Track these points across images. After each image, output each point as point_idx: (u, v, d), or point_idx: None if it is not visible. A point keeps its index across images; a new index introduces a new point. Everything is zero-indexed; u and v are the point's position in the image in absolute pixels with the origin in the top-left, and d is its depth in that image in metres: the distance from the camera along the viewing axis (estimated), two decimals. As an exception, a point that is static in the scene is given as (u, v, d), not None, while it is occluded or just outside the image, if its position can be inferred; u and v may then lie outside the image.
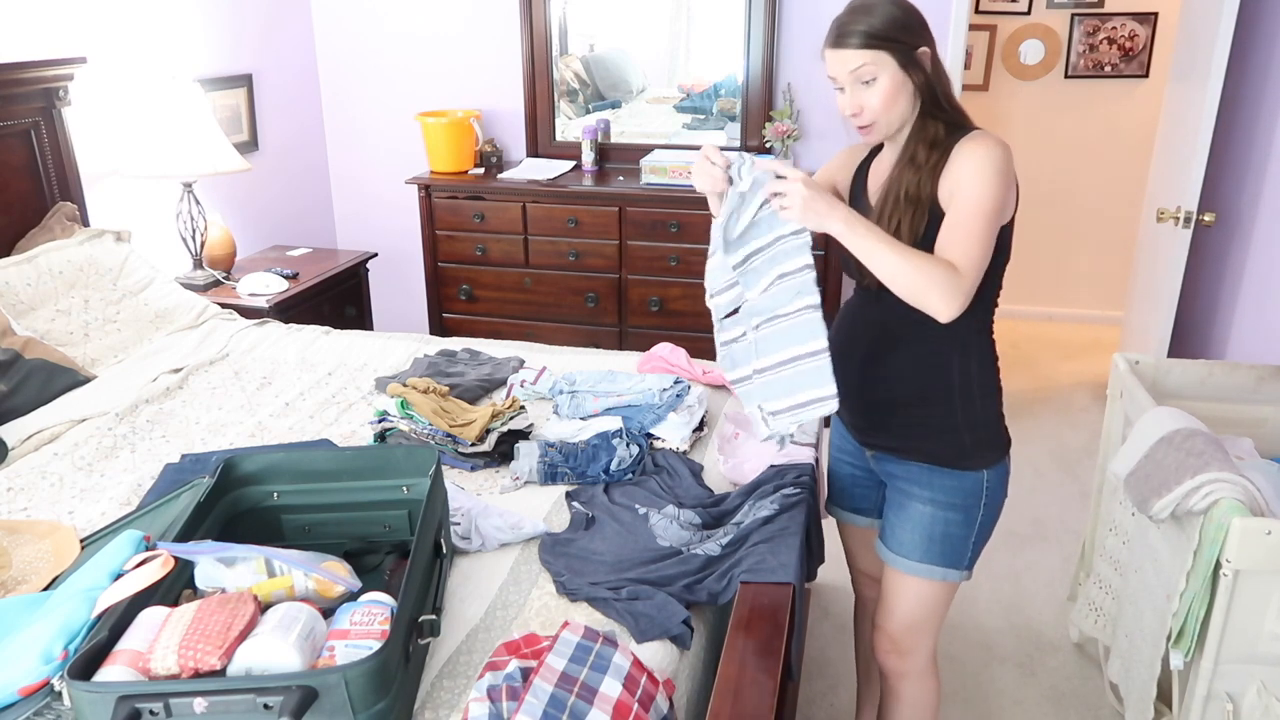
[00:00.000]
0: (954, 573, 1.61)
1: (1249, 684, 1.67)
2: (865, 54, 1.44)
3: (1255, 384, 2.14)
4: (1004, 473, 1.61)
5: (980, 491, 1.58)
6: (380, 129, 4.09)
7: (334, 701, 1.11)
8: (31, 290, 2.47)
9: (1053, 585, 2.71)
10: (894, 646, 1.70)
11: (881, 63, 1.44)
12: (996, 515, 1.63)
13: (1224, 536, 1.57)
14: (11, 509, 1.81)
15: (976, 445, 1.57)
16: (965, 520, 1.59)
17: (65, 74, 2.73)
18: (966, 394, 1.55)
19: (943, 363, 1.54)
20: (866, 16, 1.45)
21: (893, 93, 1.46)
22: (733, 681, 1.27)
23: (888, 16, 1.44)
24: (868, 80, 1.46)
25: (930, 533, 1.60)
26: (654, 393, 2.14)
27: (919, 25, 1.46)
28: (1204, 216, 2.91)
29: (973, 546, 1.61)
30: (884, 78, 1.45)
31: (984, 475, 1.57)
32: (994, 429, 1.59)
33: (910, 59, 1.45)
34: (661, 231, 3.44)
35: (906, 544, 1.62)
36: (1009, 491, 1.64)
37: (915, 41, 1.45)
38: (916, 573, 1.62)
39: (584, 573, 1.57)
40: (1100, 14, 4.45)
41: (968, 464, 1.57)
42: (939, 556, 1.60)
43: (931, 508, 1.59)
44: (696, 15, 3.78)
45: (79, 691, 1.08)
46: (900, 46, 1.44)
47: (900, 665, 1.71)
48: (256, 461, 1.57)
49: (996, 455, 1.59)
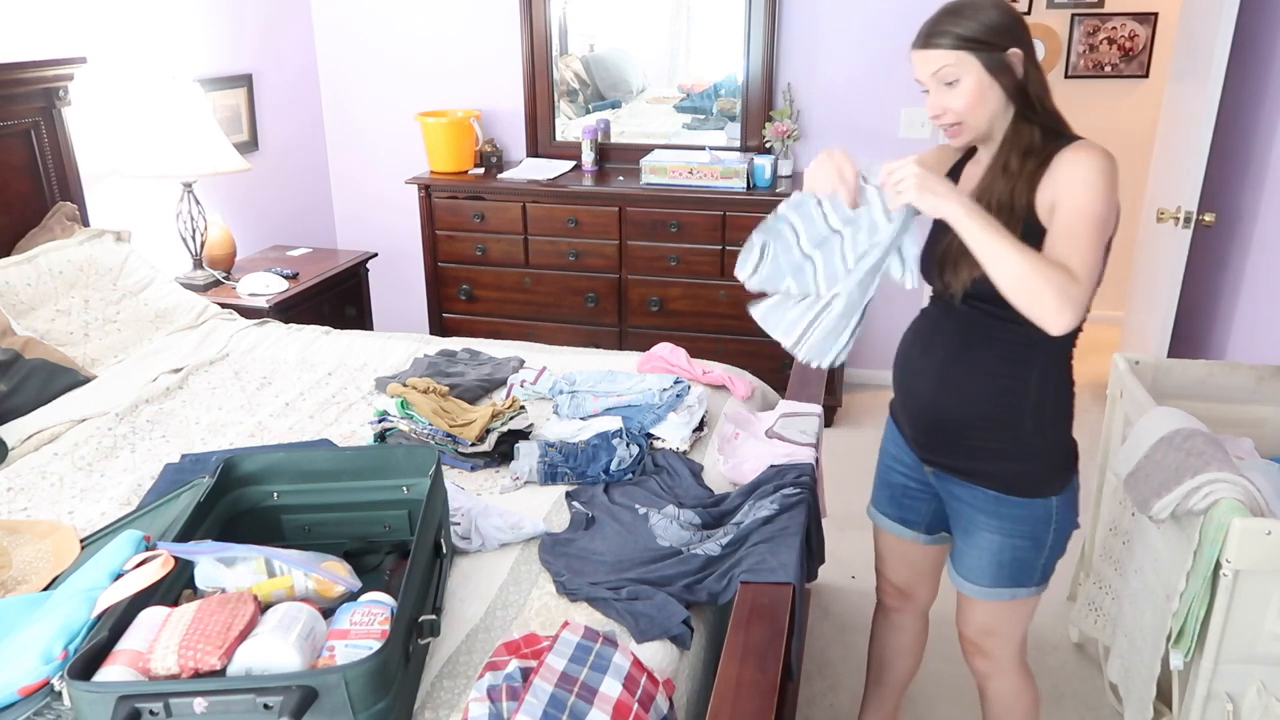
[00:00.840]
0: (1023, 590, 1.58)
1: (1249, 684, 1.67)
2: (948, 55, 1.41)
3: (1255, 384, 2.14)
4: (1073, 494, 1.55)
5: (1049, 519, 1.53)
6: (380, 129, 4.09)
7: (334, 701, 1.11)
8: (31, 290, 2.47)
9: (1053, 585, 2.68)
10: (976, 650, 1.69)
11: (965, 64, 1.40)
12: (1068, 535, 1.57)
13: (1224, 536, 1.57)
14: (11, 509, 1.81)
15: (1047, 472, 1.52)
16: (1034, 546, 1.55)
17: (65, 74, 2.73)
18: (1039, 421, 1.49)
19: (1021, 385, 1.48)
20: (952, 18, 1.41)
21: (976, 95, 1.41)
22: (733, 681, 1.27)
23: (973, 18, 1.40)
24: (950, 81, 1.42)
25: (999, 559, 1.56)
26: (654, 393, 2.14)
27: (1010, 27, 1.40)
28: (1204, 216, 2.91)
29: (1043, 567, 1.58)
30: (967, 79, 1.41)
31: (1053, 503, 1.52)
32: (1065, 454, 1.53)
33: (998, 61, 1.39)
34: (661, 231, 3.44)
35: (975, 570, 1.60)
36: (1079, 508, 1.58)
37: (1003, 43, 1.39)
38: (987, 597, 1.60)
39: (584, 573, 1.57)
40: (1100, 14, 4.45)
41: (1037, 492, 1.51)
42: (1008, 579, 1.57)
43: (1000, 536, 1.55)
44: (696, 15, 3.78)
45: (79, 691, 1.08)
46: (985, 48, 1.39)
47: (984, 666, 1.70)
48: (256, 461, 1.57)
49: (1065, 479, 1.53)
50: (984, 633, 1.66)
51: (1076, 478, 1.56)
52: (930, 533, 1.75)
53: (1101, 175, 1.34)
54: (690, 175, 3.38)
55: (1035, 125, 1.43)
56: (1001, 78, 1.40)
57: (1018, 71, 1.41)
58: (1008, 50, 1.39)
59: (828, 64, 3.58)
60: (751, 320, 1.57)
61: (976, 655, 1.70)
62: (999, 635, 1.65)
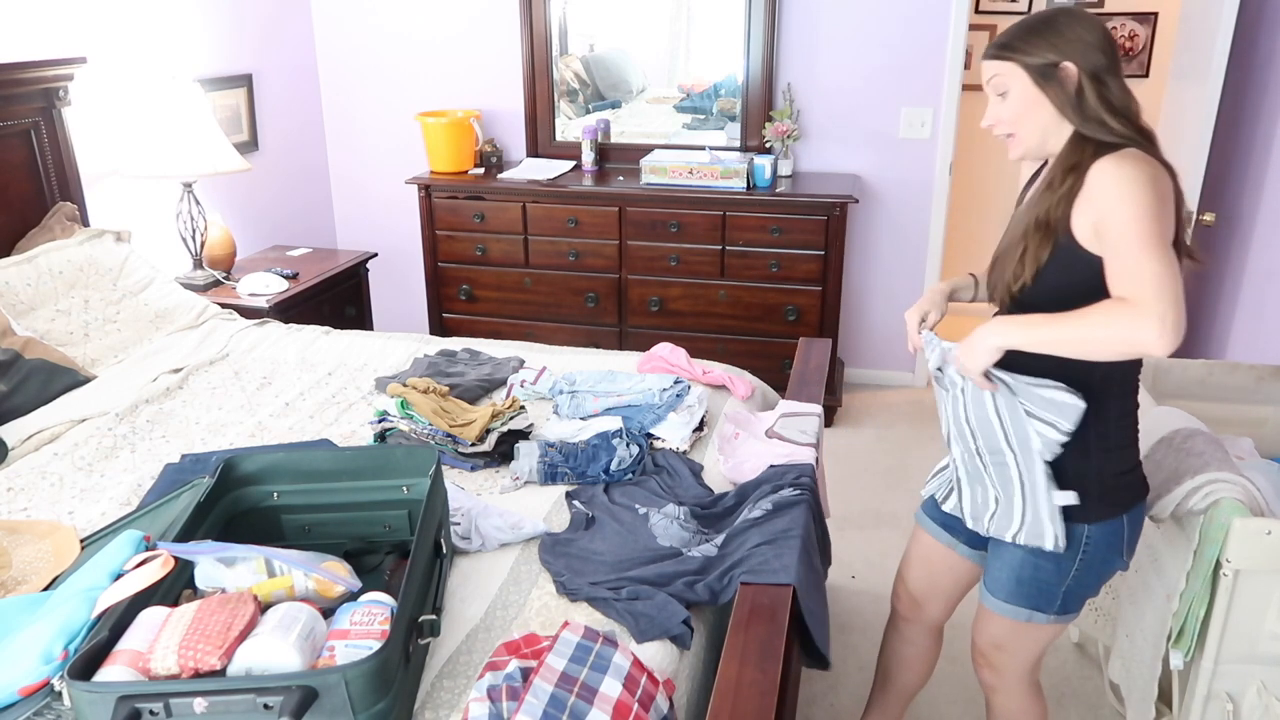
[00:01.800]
0: (1040, 615, 1.54)
1: (1249, 684, 1.67)
2: (998, 65, 1.41)
3: (1255, 384, 2.14)
4: (1113, 532, 1.48)
5: (1077, 546, 1.48)
6: (380, 129, 4.09)
7: (334, 701, 1.11)
8: (31, 290, 2.47)
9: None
10: (984, 661, 1.67)
11: (1013, 75, 1.40)
12: (1100, 571, 1.52)
13: (1224, 536, 1.57)
14: (11, 509, 1.81)
15: (1083, 500, 1.45)
16: (1056, 569, 1.50)
17: (65, 74, 2.73)
18: (1085, 446, 1.43)
19: None
20: (1014, 29, 1.41)
21: (1024, 107, 1.40)
22: (733, 681, 1.27)
23: (1025, 26, 1.39)
24: (1002, 92, 1.42)
25: (1019, 575, 1.53)
26: (654, 393, 2.14)
27: (1071, 41, 1.36)
28: (1204, 216, 2.91)
29: (1064, 595, 1.52)
30: (1015, 90, 1.40)
31: (1085, 530, 1.47)
32: (1111, 487, 1.47)
33: (1048, 74, 1.37)
34: (661, 231, 3.44)
35: (995, 582, 1.58)
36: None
37: (1055, 57, 1.36)
38: (1001, 611, 1.58)
39: (584, 573, 1.57)
40: (1100, 14, 4.45)
41: (1068, 517, 1.46)
42: (1025, 599, 1.54)
43: (1023, 551, 1.52)
44: (696, 15, 3.78)
45: (79, 691, 1.08)
46: (1032, 59, 1.37)
47: (991, 679, 1.68)
48: (256, 461, 1.57)
49: (1106, 513, 1.47)
50: (994, 646, 1.63)
51: (1125, 517, 1.49)
52: (972, 546, 1.72)
53: (1132, 181, 1.29)
54: (690, 175, 3.38)
55: (1092, 143, 1.37)
56: (1051, 91, 1.38)
57: (1069, 86, 1.37)
58: (1061, 64, 1.37)
59: (828, 64, 3.58)
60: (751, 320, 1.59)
61: (985, 667, 1.68)
62: (1008, 652, 1.62)
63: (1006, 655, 1.63)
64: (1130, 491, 1.50)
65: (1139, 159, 1.32)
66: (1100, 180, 1.32)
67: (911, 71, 3.50)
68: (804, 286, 3.36)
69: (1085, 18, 1.39)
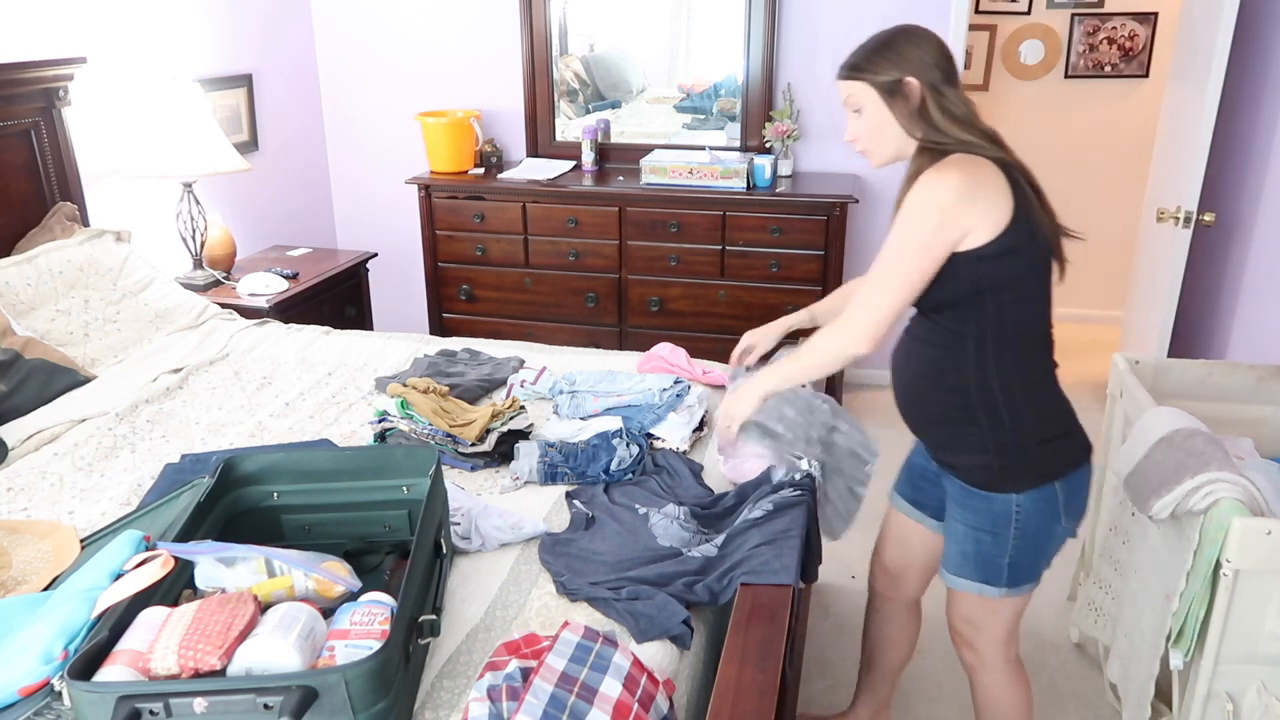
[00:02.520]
0: (991, 588, 1.62)
1: (1249, 684, 1.67)
2: (850, 85, 1.52)
3: (1255, 384, 2.14)
4: (1044, 499, 1.55)
5: (1009, 516, 1.56)
6: (380, 129, 4.09)
7: (334, 701, 1.11)
8: (31, 290, 2.47)
9: (1053, 585, 2.70)
10: (961, 640, 1.75)
11: (864, 93, 1.50)
12: (1037, 539, 1.58)
13: (1224, 536, 1.57)
14: (11, 509, 1.81)
15: (1005, 470, 1.54)
16: (995, 541, 1.58)
17: (65, 74, 2.73)
18: (992, 415, 1.53)
19: (963, 384, 1.53)
20: (859, 51, 1.52)
21: (876, 121, 1.51)
22: (733, 681, 1.27)
23: (870, 48, 1.50)
24: (856, 109, 1.53)
25: (964, 549, 1.63)
26: (654, 393, 2.14)
27: (910, 57, 1.47)
28: (1204, 216, 2.91)
29: (1009, 566, 1.59)
30: (868, 107, 1.51)
31: (1013, 500, 1.55)
32: (1033, 455, 1.54)
33: (894, 90, 1.48)
34: (661, 231, 3.44)
35: (946, 557, 1.68)
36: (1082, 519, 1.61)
37: (898, 74, 1.47)
38: (954, 585, 1.67)
39: (584, 573, 1.57)
40: (1100, 14, 4.45)
41: (996, 487, 1.56)
42: (973, 572, 1.62)
43: (965, 526, 1.61)
44: (696, 15, 3.78)
45: (79, 691, 1.08)
46: (879, 77, 1.48)
47: (970, 658, 1.75)
48: (256, 461, 1.57)
49: (1033, 481, 1.54)
50: (965, 621, 1.71)
51: (1057, 484, 1.55)
52: (937, 519, 1.80)
53: (924, 199, 1.42)
54: (690, 175, 3.38)
55: (929, 152, 1.48)
56: (897, 106, 1.48)
57: (914, 100, 1.47)
58: (904, 80, 1.47)
59: (828, 64, 3.57)
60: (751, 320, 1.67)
61: (963, 646, 1.75)
62: (980, 628, 1.70)
63: (978, 631, 1.70)
64: (1060, 459, 1.56)
65: (946, 168, 1.43)
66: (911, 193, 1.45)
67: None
68: (804, 286, 3.36)
69: (923, 35, 1.50)
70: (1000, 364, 1.52)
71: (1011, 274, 1.46)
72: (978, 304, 1.47)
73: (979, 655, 1.73)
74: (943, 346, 1.53)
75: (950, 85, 1.49)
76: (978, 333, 1.49)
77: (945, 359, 1.54)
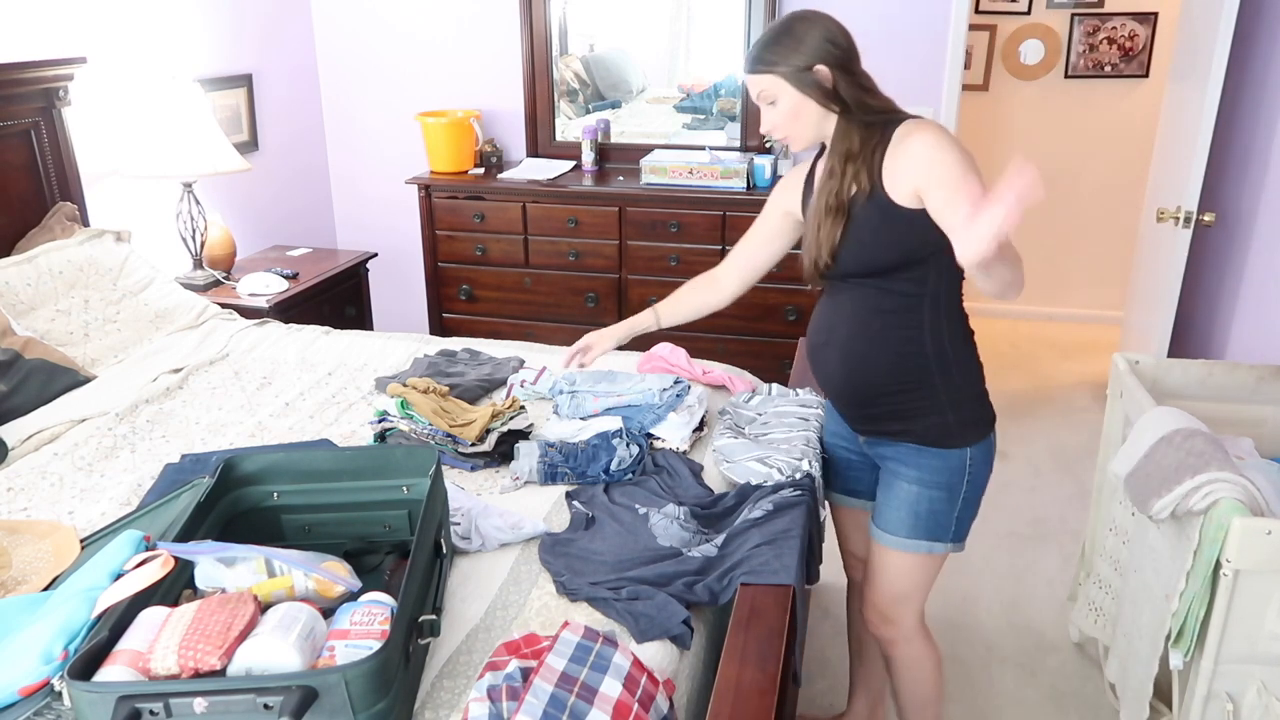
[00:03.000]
0: (939, 545, 1.69)
1: (1249, 684, 1.67)
2: (762, 79, 1.56)
3: (1255, 384, 2.14)
4: (988, 448, 1.66)
5: (964, 469, 1.64)
6: (380, 129, 4.08)
7: (334, 701, 1.11)
8: (31, 290, 2.47)
9: (1053, 585, 2.71)
10: (881, 618, 1.80)
11: (777, 85, 1.55)
12: (981, 489, 1.68)
13: (1224, 536, 1.57)
14: (11, 509, 1.81)
15: (961, 424, 1.62)
16: (948, 497, 1.66)
17: (65, 74, 2.73)
18: (945, 373, 1.60)
19: (916, 348, 1.59)
20: (762, 44, 1.56)
21: (792, 111, 1.56)
22: (733, 681, 1.27)
23: (779, 42, 1.54)
24: (771, 101, 1.57)
25: (916, 509, 1.67)
26: (654, 393, 2.14)
27: (815, 45, 1.52)
28: (1204, 216, 2.91)
29: (957, 521, 1.68)
30: (783, 98, 1.56)
31: (968, 453, 1.63)
32: (977, 405, 1.64)
33: (804, 78, 1.53)
34: (661, 231, 3.44)
35: (893, 521, 1.70)
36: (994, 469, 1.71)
37: (807, 61, 1.52)
38: (903, 548, 1.70)
39: (584, 573, 1.57)
40: (1100, 14, 4.45)
41: (952, 443, 1.63)
42: (924, 532, 1.68)
43: (918, 486, 1.66)
44: (696, 15, 3.78)
45: (79, 691, 1.08)
46: (788, 67, 1.53)
47: (889, 633, 1.80)
48: (256, 461, 1.57)
49: (981, 432, 1.64)
50: (891, 599, 1.76)
51: (993, 433, 1.67)
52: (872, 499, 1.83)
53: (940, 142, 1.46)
54: (690, 175, 3.38)
55: (856, 125, 1.54)
56: (812, 92, 1.54)
57: (827, 84, 1.53)
58: (814, 67, 1.52)
59: (828, 64, 3.57)
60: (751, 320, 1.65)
61: (882, 624, 1.80)
62: (904, 600, 1.75)
63: (902, 605, 1.76)
64: (989, 408, 1.67)
65: (931, 125, 1.50)
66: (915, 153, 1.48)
67: (911, 71, 3.49)
68: (802, 286, 3.35)
69: (819, 19, 1.56)
70: (951, 320, 1.60)
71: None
72: (936, 261, 1.53)
73: (900, 628, 1.78)
74: (896, 311, 1.57)
75: (855, 61, 1.56)
76: (934, 290, 1.56)
77: (899, 323, 1.58)
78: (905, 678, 1.84)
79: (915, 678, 1.83)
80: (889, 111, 1.56)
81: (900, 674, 1.85)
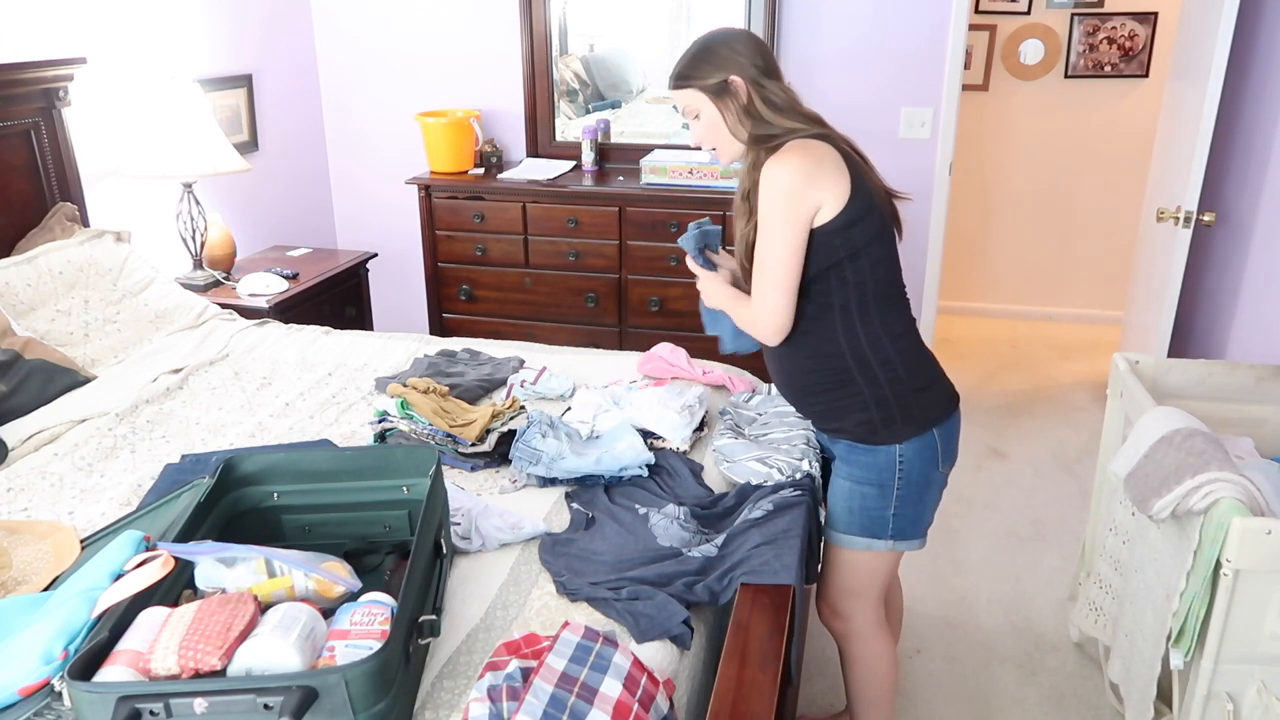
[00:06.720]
0: (878, 542, 1.71)
1: (1249, 684, 1.67)
2: (683, 93, 1.61)
3: (1255, 384, 2.14)
4: (923, 446, 1.65)
5: (893, 466, 1.65)
6: (380, 129, 4.08)
7: (334, 702, 1.11)
8: (31, 290, 2.47)
9: (1053, 585, 2.71)
10: (830, 611, 1.83)
11: (697, 99, 1.60)
12: (921, 487, 1.69)
13: (1224, 536, 1.57)
14: (11, 509, 1.81)
15: (886, 421, 1.64)
16: (880, 494, 1.68)
17: (65, 74, 2.73)
18: (867, 373, 1.62)
19: (832, 348, 1.62)
20: (682, 60, 1.61)
21: (713, 124, 1.61)
22: (733, 681, 1.27)
23: (691, 56, 1.60)
24: (695, 115, 1.62)
25: (849, 505, 1.71)
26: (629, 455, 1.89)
27: (726, 58, 1.56)
28: (1204, 216, 2.91)
29: (894, 518, 1.69)
30: (704, 111, 1.61)
31: (896, 450, 1.64)
32: (905, 406, 1.63)
33: (721, 91, 1.58)
34: (661, 231, 3.43)
35: (834, 516, 1.76)
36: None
37: (721, 74, 1.56)
38: (841, 543, 1.75)
39: (584, 573, 1.57)
40: (1100, 14, 4.45)
41: (879, 439, 1.65)
42: (859, 528, 1.71)
43: (850, 482, 1.71)
44: (696, 15, 3.78)
45: (79, 692, 1.08)
46: (707, 82, 1.57)
47: (840, 627, 1.83)
48: (256, 462, 1.57)
49: (911, 431, 1.64)
50: (841, 593, 1.79)
51: (936, 432, 1.66)
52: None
53: (770, 190, 1.50)
54: (690, 175, 3.38)
55: (762, 142, 1.57)
56: (727, 105, 1.58)
57: (741, 97, 1.57)
58: (729, 80, 1.56)
59: (827, 64, 3.58)
60: None
61: (834, 618, 1.84)
62: (854, 595, 1.78)
63: (853, 600, 1.79)
64: (936, 407, 1.67)
65: (785, 154, 1.52)
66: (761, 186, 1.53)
67: (911, 71, 3.49)
68: (804, 286, 3.36)
69: (737, 35, 1.61)
70: (867, 325, 1.61)
71: (861, 240, 1.55)
72: (838, 274, 1.57)
73: (851, 624, 1.80)
74: (811, 319, 1.61)
75: (770, 78, 1.58)
76: (842, 300, 1.59)
77: (815, 330, 1.62)
78: (856, 674, 1.87)
79: (866, 675, 1.85)
80: (791, 131, 1.57)
81: (851, 669, 1.87)
